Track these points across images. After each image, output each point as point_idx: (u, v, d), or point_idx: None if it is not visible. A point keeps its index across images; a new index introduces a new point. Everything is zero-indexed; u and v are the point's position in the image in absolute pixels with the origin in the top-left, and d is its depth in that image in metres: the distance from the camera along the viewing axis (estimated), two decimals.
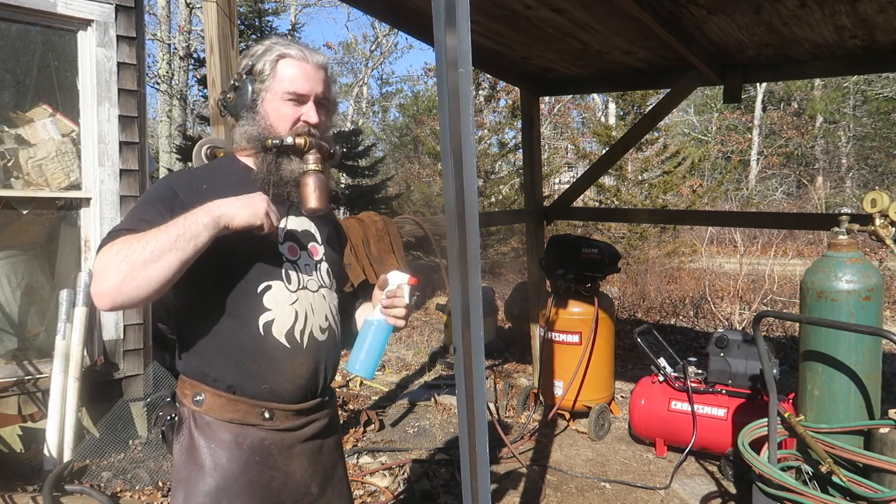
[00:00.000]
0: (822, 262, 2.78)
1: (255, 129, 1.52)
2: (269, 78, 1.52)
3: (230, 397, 1.48)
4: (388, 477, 3.72)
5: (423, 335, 7.25)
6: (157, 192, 1.46)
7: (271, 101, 1.52)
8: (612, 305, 4.74)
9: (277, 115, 1.52)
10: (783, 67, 4.48)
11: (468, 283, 1.37)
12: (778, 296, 8.01)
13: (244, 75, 1.54)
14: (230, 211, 1.35)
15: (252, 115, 1.53)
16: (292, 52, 1.53)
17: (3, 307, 3.89)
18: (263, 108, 1.52)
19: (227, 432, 1.47)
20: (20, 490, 3.27)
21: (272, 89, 1.52)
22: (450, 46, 1.28)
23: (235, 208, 1.36)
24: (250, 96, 1.53)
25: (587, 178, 5.57)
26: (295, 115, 1.53)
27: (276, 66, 1.52)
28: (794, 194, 19.93)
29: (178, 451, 1.49)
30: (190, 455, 1.48)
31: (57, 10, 3.72)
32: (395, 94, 27.85)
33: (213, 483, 1.46)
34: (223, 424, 1.47)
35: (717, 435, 3.78)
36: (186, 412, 1.49)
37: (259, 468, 1.50)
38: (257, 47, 1.56)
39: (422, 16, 3.85)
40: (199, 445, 1.47)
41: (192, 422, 1.48)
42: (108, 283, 1.27)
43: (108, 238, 1.35)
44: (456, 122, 1.29)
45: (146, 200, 1.45)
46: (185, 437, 1.49)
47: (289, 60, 1.53)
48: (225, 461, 1.46)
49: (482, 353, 1.43)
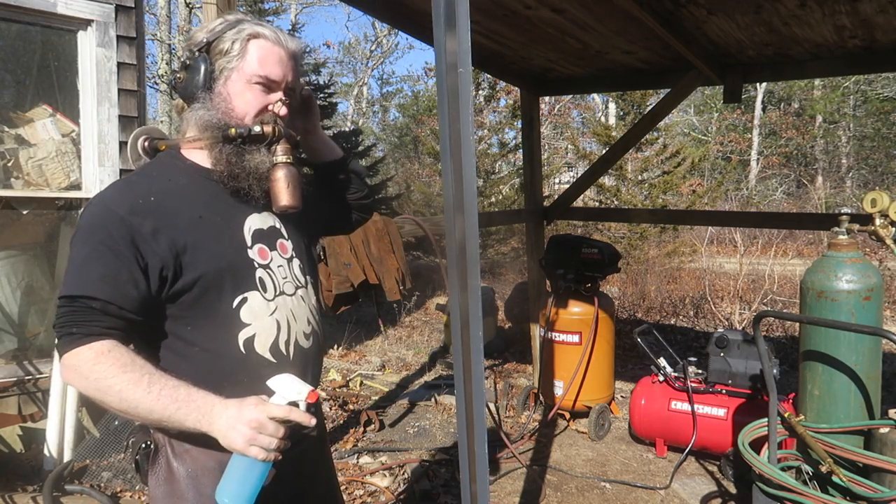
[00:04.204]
0: (822, 262, 2.78)
1: (212, 115, 1.33)
2: (237, 58, 1.34)
3: None
4: (388, 477, 3.72)
5: (423, 335, 7.25)
6: (103, 228, 1.23)
7: (235, 83, 1.34)
8: (612, 305, 4.74)
9: (242, 99, 1.35)
10: (783, 67, 4.47)
11: (468, 283, 1.37)
12: (778, 296, 8.01)
13: (197, 52, 1.34)
14: (220, 431, 1.19)
15: (209, 97, 1.34)
16: (266, 32, 1.37)
17: (3, 307, 3.89)
18: (225, 91, 1.34)
19: (211, 459, 1.31)
20: (20, 490, 3.27)
21: (240, 70, 1.34)
22: (450, 47, 1.28)
23: (228, 437, 1.18)
24: (207, 76, 1.33)
25: (587, 178, 5.57)
26: (262, 103, 1.37)
27: (246, 46, 1.35)
28: (794, 194, 19.93)
29: (154, 484, 1.33)
30: (169, 486, 1.32)
31: (57, 10, 3.72)
32: (395, 94, 27.89)
33: None
34: (205, 451, 1.30)
35: (717, 435, 3.78)
36: (162, 439, 1.33)
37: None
38: (217, 23, 1.37)
39: (422, 16, 3.85)
40: (179, 476, 1.32)
41: (168, 449, 1.33)
42: (78, 386, 1.22)
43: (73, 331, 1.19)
44: (456, 122, 1.29)
45: (96, 243, 1.23)
46: (163, 468, 1.33)
47: (262, 42, 1.36)
48: (210, 491, 1.27)
49: (481, 353, 1.43)
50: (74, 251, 1.24)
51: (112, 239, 1.23)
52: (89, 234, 1.24)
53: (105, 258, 1.22)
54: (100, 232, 1.23)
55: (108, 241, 1.23)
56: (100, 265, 1.22)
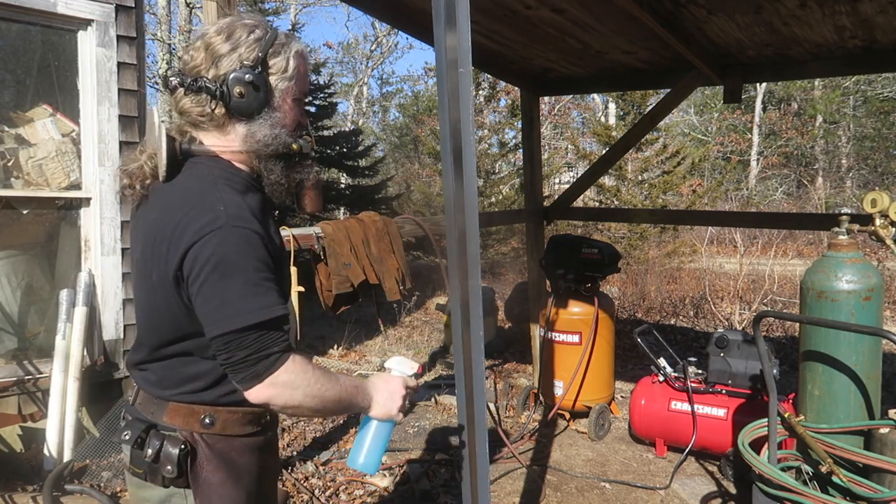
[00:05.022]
0: (822, 262, 2.78)
1: (270, 133, 1.40)
2: (291, 77, 1.42)
3: (245, 410, 1.44)
4: (388, 477, 3.72)
5: (423, 335, 7.25)
6: (253, 248, 1.30)
7: (289, 100, 1.43)
8: (612, 305, 4.74)
9: (293, 116, 1.45)
10: (783, 67, 4.47)
11: (468, 283, 1.37)
12: (778, 296, 8.01)
13: (255, 68, 1.37)
14: (377, 402, 1.47)
15: (271, 115, 1.40)
16: (302, 48, 1.45)
17: (3, 307, 3.89)
18: (283, 108, 1.42)
19: (243, 444, 1.47)
20: (20, 490, 3.27)
21: (291, 88, 1.43)
22: (450, 46, 1.28)
23: (386, 407, 1.47)
24: (270, 94, 1.39)
25: (587, 178, 5.57)
26: (299, 117, 1.47)
27: (297, 65, 1.42)
28: (794, 194, 19.93)
29: (207, 475, 1.43)
30: (222, 473, 1.44)
31: (57, 9, 3.71)
32: (395, 94, 27.89)
33: (250, 487, 1.48)
34: (237, 439, 1.45)
35: (717, 435, 3.78)
36: (193, 437, 1.42)
37: (271, 463, 1.59)
38: (254, 35, 1.38)
39: (422, 16, 3.85)
40: (224, 461, 1.44)
41: (204, 447, 1.42)
42: (288, 398, 1.33)
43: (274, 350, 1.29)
44: (456, 122, 1.29)
45: (254, 265, 1.30)
46: (208, 461, 1.43)
47: (303, 55, 1.44)
48: (255, 467, 1.49)
49: (482, 353, 1.43)
50: (230, 279, 1.27)
51: (263, 258, 1.31)
52: (242, 259, 1.28)
53: (266, 276, 1.31)
54: (252, 253, 1.29)
55: (262, 259, 1.31)
56: (269, 284, 1.31)
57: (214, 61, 1.36)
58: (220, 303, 1.26)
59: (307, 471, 3.78)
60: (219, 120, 1.39)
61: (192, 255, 1.27)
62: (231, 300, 1.26)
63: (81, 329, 3.64)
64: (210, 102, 1.37)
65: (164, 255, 1.32)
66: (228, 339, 1.26)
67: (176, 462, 1.38)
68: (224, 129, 1.40)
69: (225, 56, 1.36)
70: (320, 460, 3.93)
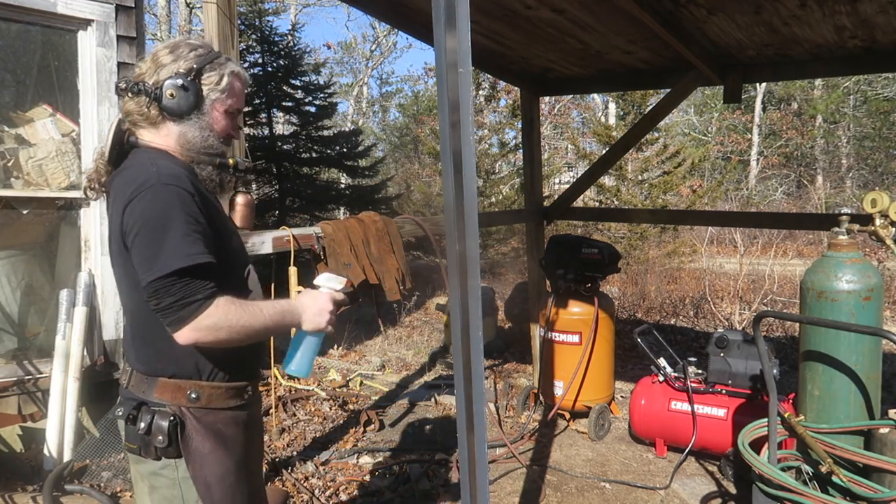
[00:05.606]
0: (822, 262, 2.78)
1: (199, 134, 1.61)
2: (224, 91, 1.63)
3: (228, 385, 1.62)
4: (389, 477, 3.72)
5: (423, 335, 7.25)
6: (182, 204, 1.47)
7: (219, 110, 1.64)
8: (612, 305, 4.74)
9: (223, 125, 1.66)
10: (783, 67, 4.47)
11: (468, 283, 1.37)
12: (778, 296, 8.00)
13: (188, 76, 1.58)
14: (307, 318, 1.63)
15: (200, 118, 1.61)
16: (241, 70, 1.69)
17: (3, 307, 3.89)
18: (211, 115, 1.63)
19: (228, 416, 1.63)
20: (20, 490, 3.27)
21: (223, 100, 1.64)
22: (450, 46, 1.28)
23: (315, 322, 1.64)
24: (201, 100, 1.60)
25: (587, 178, 5.57)
26: (230, 128, 1.69)
27: (232, 82, 1.65)
28: (794, 194, 19.92)
29: (196, 445, 1.57)
30: (210, 442, 1.58)
31: (57, 9, 3.71)
32: (395, 94, 27.89)
33: (238, 456, 1.64)
34: (221, 412, 1.61)
35: (717, 435, 3.78)
36: (182, 411, 1.57)
37: (256, 437, 1.76)
38: (195, 52, 1.61)
39: (422, 16, 3.85)
40: (212, 431, 1.59)
41: (192, 419, 1.57)
42: (214, 338, 1.47)
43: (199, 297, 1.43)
44: (456, 121, 1.29)
45: (182, 218, 1.45)
46: (196, 432, 1.57)
47: (239, 76, 1.68)
48: (232, 433, 1.63)
49: (481, 353, 1.43)
50: (161, 231, 1.42)
51: (194, 214, 1.47)
52: (172, 212, 1.44)
53: (195, 228, 1.45)
54: (181, 208, 1.45)
55: (192, 215, 1.46)
56: (197, 235, 1.45)
57: (157, 70, 1.59)
58: (151, 253, 1.42)
59: (307, 471, 3.78)
60: (153, 119, 1.59)
61: (128, 211, 1.45)
62: (161, 250, 1.41)
63: (81, 329, 3.64)
64: (147, 103, 1.58)
65: (114, 221, 1.51)
66: (157, 286, 1.41)
67: (166, 432, 1.53)
68: (158, 127, 1.61)
69: (166, 66, 1.58)
70: (320, 460, 3.93)
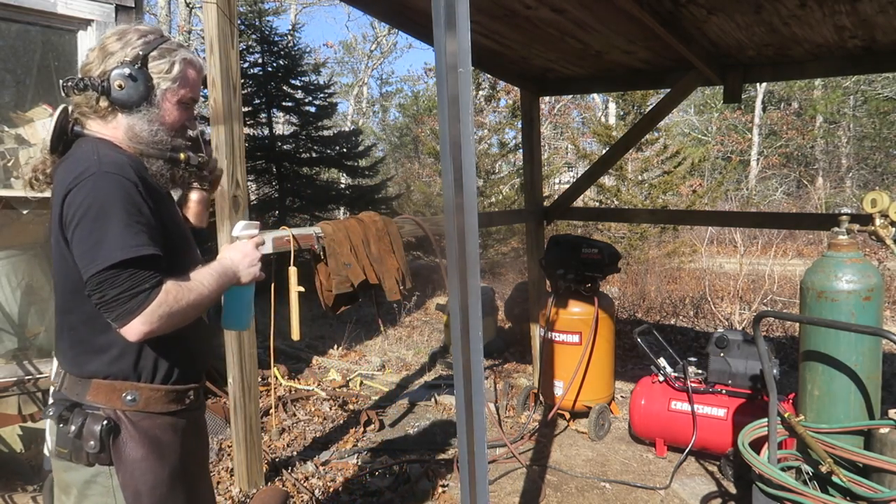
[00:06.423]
0: (822, 262, 2.78)
1: (147, 128, 1.52)
2: (175, 80, 1.54)
3: (168, 388, 1.54)
4: (389, 477, 3.72)
5: (423, 335, 7.24)
6: (124, 195, 1.40)
7: (171, 101, 1.55)
8: (612, 305, 4.74)
9: (175, 117, 1.56)
10: (783, 67, 4.47)
11: (468, 283, 1.37)
12: (778, 296, 8.00)
13: (135, 64, 1.49)
14: (242, 272, 1.61)
15: (150, 110, 1.52)
16: (194, 58, 1.60)
17: (3, 307, 3.89)
18: (163, 106, 1.54)
19: (166, 422, 1.54)
20: (20, 490, 3.27)
21: (175, 90, 1.55)
22: (450, 47, 1.28)
23: (251, 272, 1.62)
24: (150, 90, 1.51)
25: (587, 178, 5.57)
26: (183, 120, 1.59)
27: (184, 69, 1.56)
28: (794, 194, 19.91)
29: (129, 451, 1.48)
30: (144, 449, 1.49)
31: (57, 9, 3.71)
32: (395, 94, 27.87)
33: (173, 465, 1.55)
34: (160, 417, 1.53)
35: (717, 435, 3.78)
36: (116, 414, 1.48)
37: (198, 445, 1.69)
38: (144, 38, 1.52)
39: (422, 16, 3.85)
40: (147, 438, 1.50)
41: (127, 424, 1.49)
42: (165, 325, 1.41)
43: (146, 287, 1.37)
44: (455, 122, 1.29)
45: (123, 209, 1.38)
46: (131, 437, 1.49)
47: (192, 63, 1.58)
48: (168, 439, 1.55)
49: (481, 353, 1.43)
50: (102, 220, 1.36)
51: (137, 203, 1.40)
52: (113, 201, 1.37)
53: (138, 219, 1.39)
54: (123, 197, 1.38)
55: (135, 205, 1.40)
56: (139, 227, 1.38)
57: (104, 59, 1.50)
58: (93, 243, 1.35)
59: (307, 471, 3.78)
60: (102, 111, 1.51)
61: (68, 201, 1.38)
62: (103, 240, 1.34)
63: None
64: (94, 97, 1.50)
65: (53, 212, 1.43)
66: (101, 279, 1.34)
67: (98, 437, 1.44)
68: (107, 119, 1.53)
69: (114, 55, 1.50)
70: (320, 460, 3.93)
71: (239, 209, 3.26)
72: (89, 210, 1.35)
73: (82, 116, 1.54)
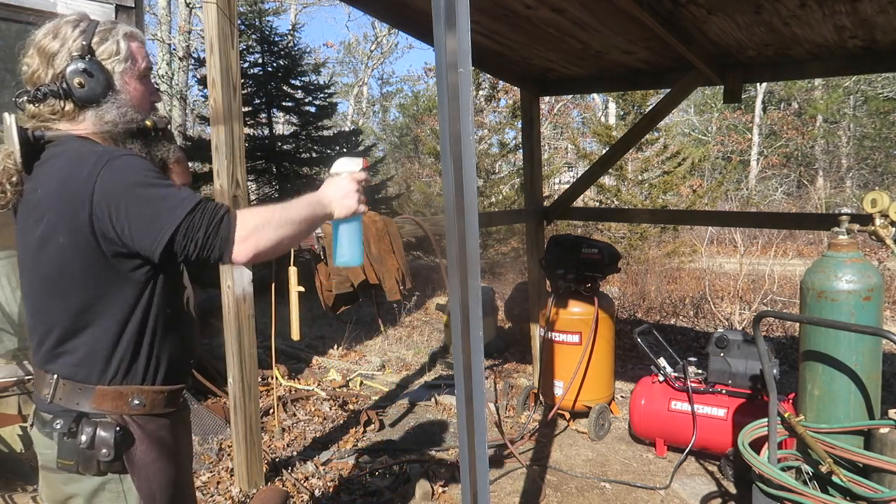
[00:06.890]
0: (822, 262, 2.78)
1: (117, 112, 1.48)
2: (127, 58, 1.50)
3: (168, 389, 1.54)
4: (389, 477, 3.72)
5: (423, 335, 7.24)
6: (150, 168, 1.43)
7: (131, 80, 1.51)
8: (612, 305, 4.74)
9: (139, 94, 1.53)
10: (783, 67, 4.47)
11: (468, 283, 1.37)
12: (778, 296, 8.00)
13: (84, 56, 1.44)
14: (336, 204, 1.55)
15: (117, 97, 1.48)
16: (131, 28, 1.56)
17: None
18: (127, 90, 1.51)
19: (166, 423, 1.56)
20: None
21: (133, 69, 1.52)
22: (450, 47, 1.28)
23: (346, 205, 1.55)
24: (110, 78, 1.47)
25: (587, 178, 5.57)
26: (147, 92, 1.56)
27: (129, 44, 1.51)
28: (794, 194, 19.91)
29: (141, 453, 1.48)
30: (156, 450, 1.51)
31: (57, 9, 3.71)
32: (395, 94, 27.86)
33: (178, 463, 1.58)
34: (161, 419, 1.53)
35: (717, 435, 3.78)
36: (123, 420, 1.46)
37: (187, 441, 1.70)
38: (79, 28, 1.46)
39: (422, 16, 3.85)
40: (155, 438, 1.51)
41: (136, 428, 1.48)
42: (266, 237, 1.40)
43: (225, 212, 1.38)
44: (455, 122, 1.29)
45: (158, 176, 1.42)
46: (141, 440, 1.49)
47: (132, 35, 1.54)
48: (172, 438, 1.56)
49: (481, 353, 1.43)
50: (150, 188, 1.36)
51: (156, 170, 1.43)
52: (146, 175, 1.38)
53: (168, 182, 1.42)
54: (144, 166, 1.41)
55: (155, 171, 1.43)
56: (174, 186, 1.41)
57: (49, 61, 1.45)
58: (153, 210, 1.34)
59: (307, 471, 3.78)
60: (71, 113, 1.47)
61: (97, 194, 1.34)
62: (160, 203, 1.34)
63: None
64: (58, 103, 1.45)
65: (72, 212, 1.36)
66: (184, 230, 1.33)
67: (112, 445, 1.42)
68: (75, 119, 1.48)
69: (56, 54, 1.44)
70: (320, 460, 3.93)
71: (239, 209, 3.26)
72: (126, 190, 1.35)
73: (47, 123, 1.49)
